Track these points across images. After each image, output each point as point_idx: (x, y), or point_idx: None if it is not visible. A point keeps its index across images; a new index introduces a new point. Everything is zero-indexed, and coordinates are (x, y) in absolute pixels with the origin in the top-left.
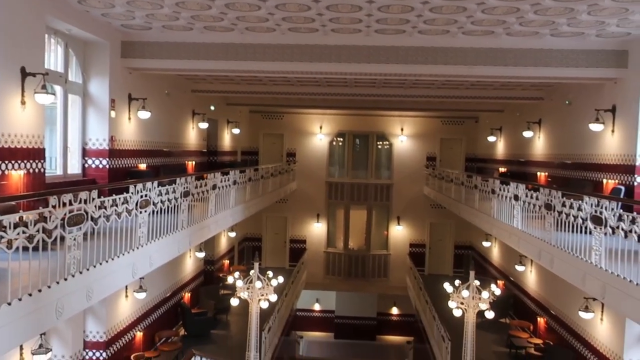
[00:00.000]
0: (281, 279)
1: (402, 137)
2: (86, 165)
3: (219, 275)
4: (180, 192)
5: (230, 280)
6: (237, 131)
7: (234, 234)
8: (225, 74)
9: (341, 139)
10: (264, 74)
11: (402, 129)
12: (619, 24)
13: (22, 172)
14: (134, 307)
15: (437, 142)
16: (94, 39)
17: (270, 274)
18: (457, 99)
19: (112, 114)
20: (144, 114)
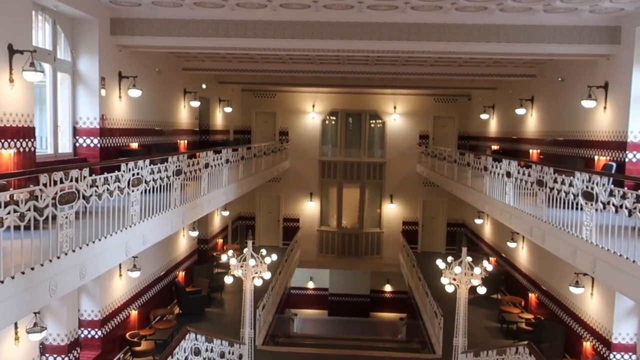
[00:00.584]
0: (275, 257)
1: (395, 116)
2: (77, 144)
3: (212, 254)
4: (172, 171)
5: (224, 258)
6: (229, 110)
7: (227, 213)
8: (216, 51)
9: (334, 118)
10: (255, 52)
11: (395, 107)
12: None
13: (12, 151)
14: (128, 286)
15: (430, 120)
16: (82, 16)
17: (263, 252)
18: (450, 77)
19: (103, 93)
20: (135, 93)
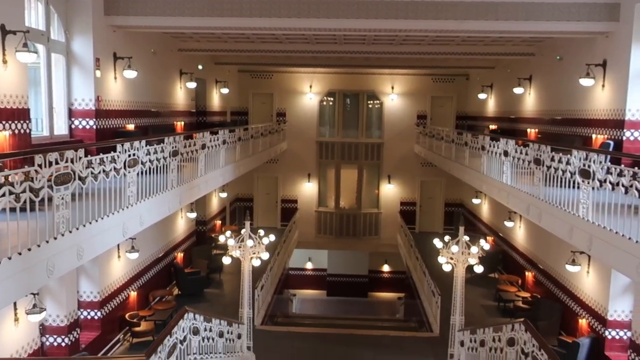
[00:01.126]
0: (272, 238)
1: (393, 96)
2: (73, 126)
3: (211, 235)
4: (169, 152)
5: (222, 239)
6: (225, 91)
7: (225, 195)
8: (211, 31)
9: (331, 98)
10: (251, 31)
11: (392, 88)
12: None
13: (7, 133)
14: (127, 267)
15: (428, 100)
16: None
17: (261, 233)
18: (448, 56)
19: (98, 74)
20: (130, 74)
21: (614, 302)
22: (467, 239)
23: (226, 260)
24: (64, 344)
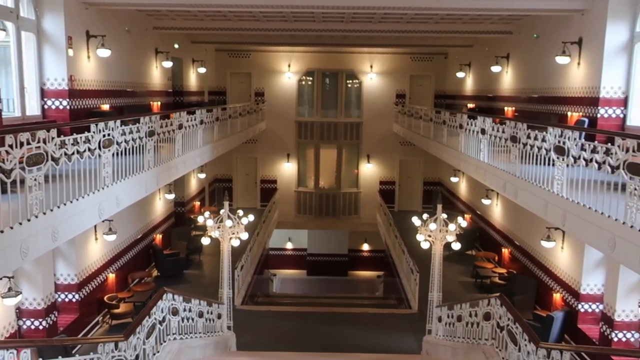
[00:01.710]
0: (252, 217)
1: (372, 75)
2: (45, 106)
3: (190, 216)
4: (144, 132)
5: (201, 220)
6: (203, 70)
7: (203, 176)
8: (187, 8)
9: (310, 78)
10: (228, 9)
11: (371, 67)
12: None
13: None
14: (104, 249)
15: (407, 79)
16: None
17: (240, 213)
18: (426, 34)
19: (70, 52)
20: (104, 52)
21: (587, 276)
22: (444, 216)
23: (205, 241)
24: (41, 327)
